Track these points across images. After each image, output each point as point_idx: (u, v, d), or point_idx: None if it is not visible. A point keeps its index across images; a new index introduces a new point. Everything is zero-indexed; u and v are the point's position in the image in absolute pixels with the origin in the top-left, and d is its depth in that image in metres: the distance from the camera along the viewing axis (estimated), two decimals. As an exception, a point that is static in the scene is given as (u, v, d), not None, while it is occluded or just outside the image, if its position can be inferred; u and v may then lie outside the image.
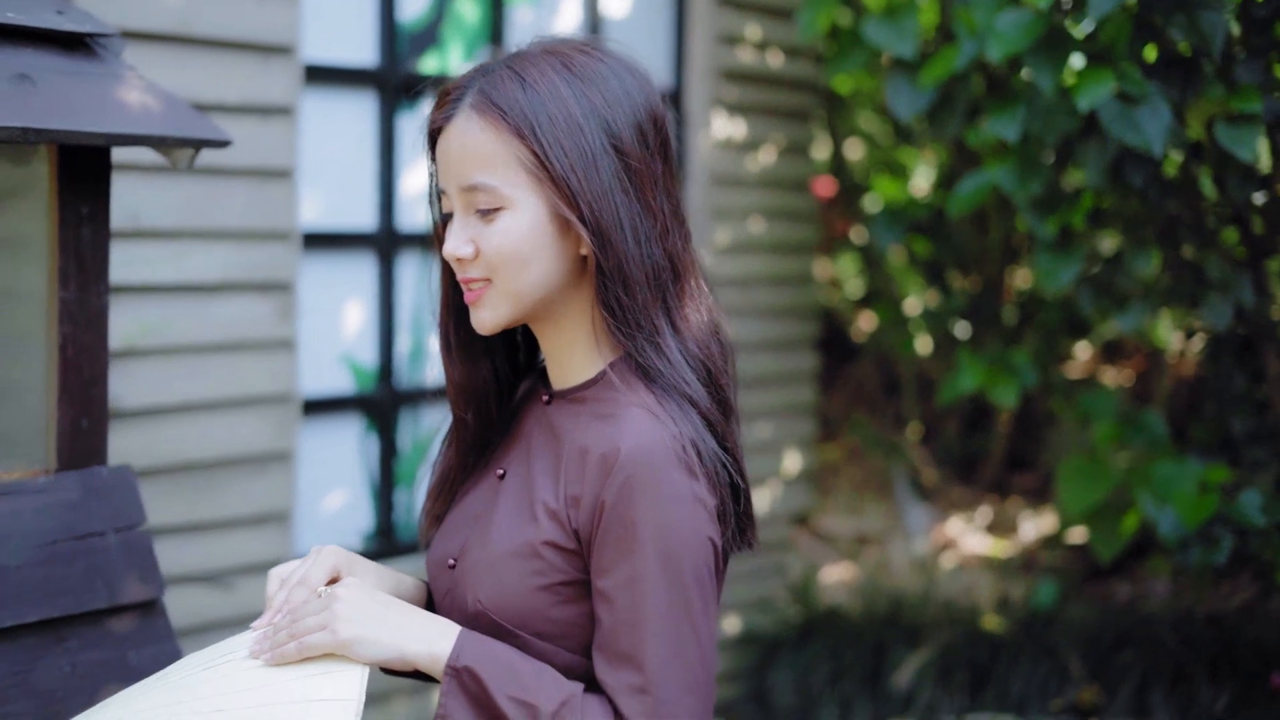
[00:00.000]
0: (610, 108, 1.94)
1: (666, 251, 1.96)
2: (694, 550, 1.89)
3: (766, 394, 6.30)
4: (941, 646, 5.61)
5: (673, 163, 2.03)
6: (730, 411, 2.01)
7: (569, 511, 1.92)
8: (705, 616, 1.91)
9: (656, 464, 1.86)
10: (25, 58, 2.53)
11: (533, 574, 1.94)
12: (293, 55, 4.47)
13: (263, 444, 4.47)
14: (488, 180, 1.92)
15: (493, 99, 1.92)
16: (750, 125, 6.10)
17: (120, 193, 4.06)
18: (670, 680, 1.88)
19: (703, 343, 2.00)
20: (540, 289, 1.94)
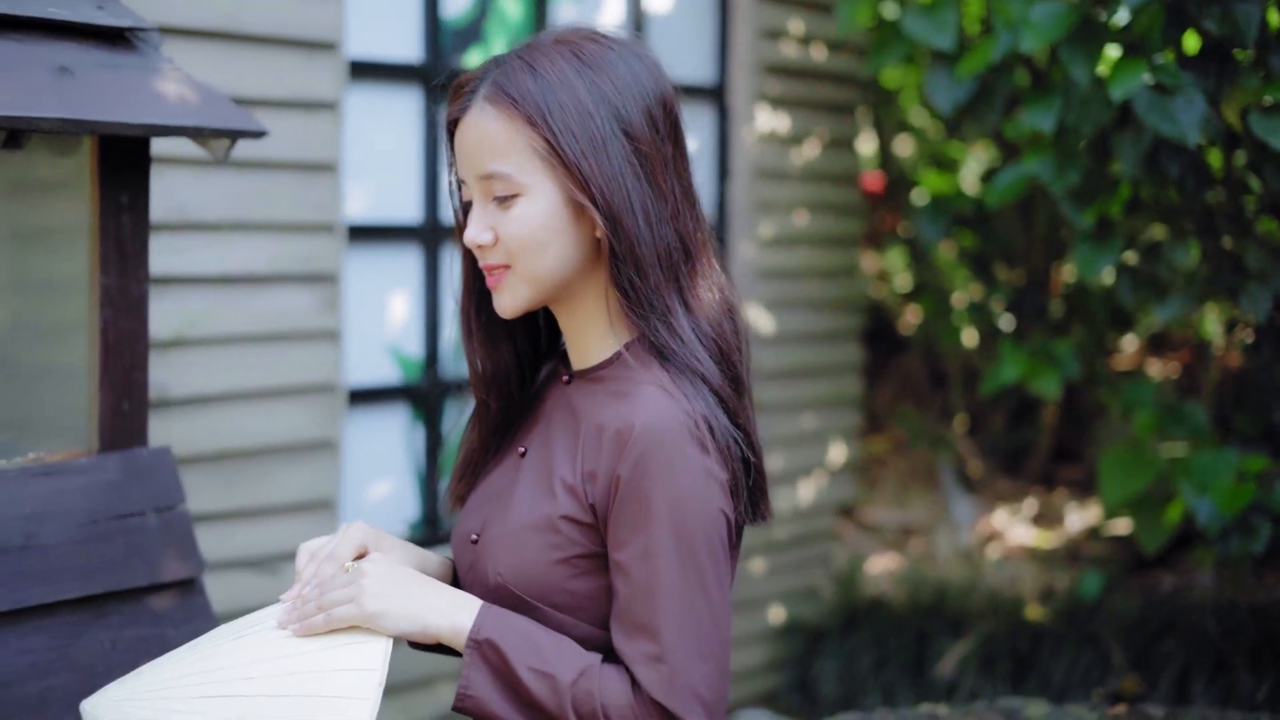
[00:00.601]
0: (619, 94, 1.99)
1: (678, 232, 2.01)
2: (706, 523, 1.93)
3: (812, 386, 6.35)
4: (984, 636, 5.64)
5: (683, 146, 2.08)
6: (742, 388, 2.06)
7: (586, 487, 1.98)
8: (719, 586, 1.96)
9: (669, 439, 1.91)
10: (66, 51, 2.61)
11: (551, 547, 2.00)
12: (337, 51, 4.55)
13: (308, 433, 4.55)
14: (503, 168, 1.97)
15: (505, 89, 1.98)
16: (794, 119, 6.15)
17: (167, 186, 4.16)
18: (684, 648, 1.92)
19: (715, 321, 2.05)
20: (558, 272, 2.00)
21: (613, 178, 1.96)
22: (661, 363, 1.99)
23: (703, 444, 1.93)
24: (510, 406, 2.19)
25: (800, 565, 6.33)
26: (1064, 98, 4.46)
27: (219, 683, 2.04)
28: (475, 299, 2.14)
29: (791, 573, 6.29)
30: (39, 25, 2.61)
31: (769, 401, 6.17)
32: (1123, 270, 4.84)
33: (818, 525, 6.42)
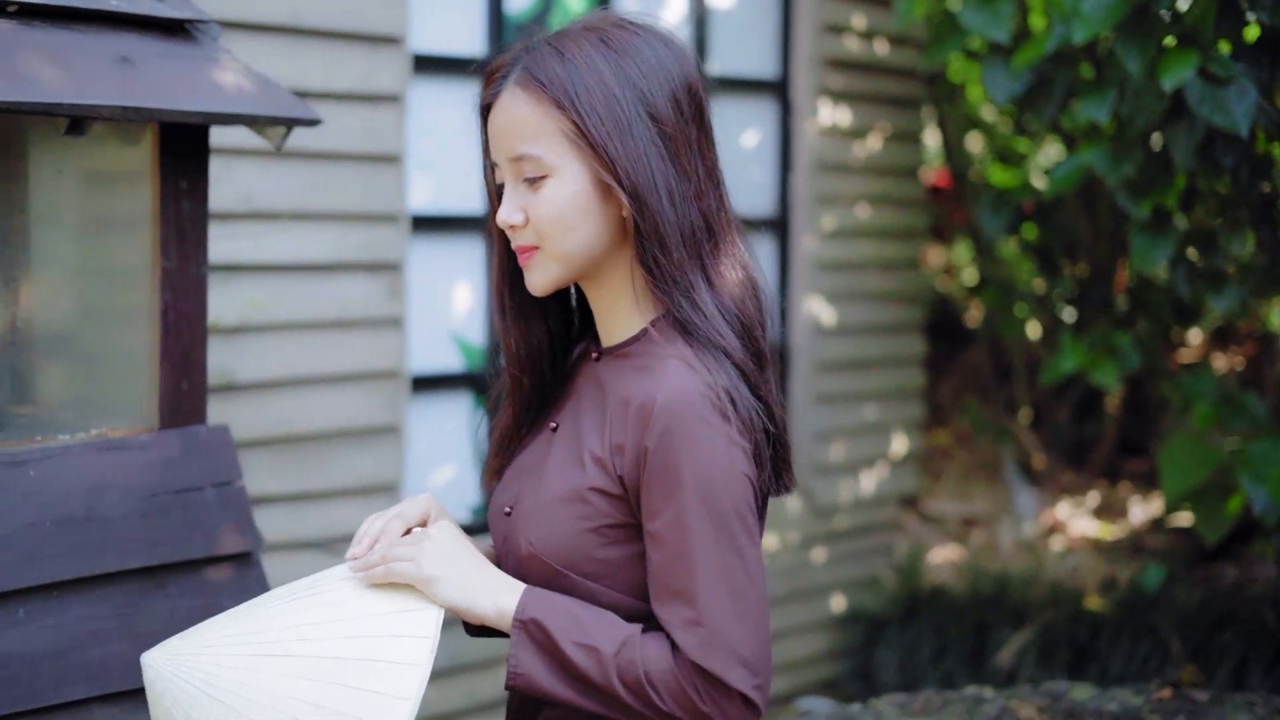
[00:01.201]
0: (645, 78, 2.06)
1: (701, 211, 2.08)
2: (733, 488, 1.98)
3: (874, 377, 6.40)
4: (1043, 626, 5.67)
5: (708, 129, 2.14)
6: (765, 361, 2.11)
7: (614, 459, 2.04)
8: (751, 548, 2.01)
9: (692, 410, 1.97)
10: (127, 42, 2.72)
11: (580, 517, 2.06)
12: (401, 45, 4.66)
13: (372, 418, 4.65)
14: (533, 150, 2.05)
15: (534, 74, 2.06)
16: (856, 113, 6.20)
17: (234, 176, 4.27)
18: (721, 610, 1.97)
19: (737, 298, 2.10)
20: (586, 251, 2.07)
21: (638, 159, 2.03)
22: (685, 338, 2.05)
23: (724, 413, 1.98)
24: (543, 384, 2.25)
25: (862, 555, 6.39)
26: (1118, 89, 4.49)
27: (276, 642, 2.12)
28: (508, 279, 2.21)
29: (853, 562, 6.35)
30: (101, 17, 2.71)
31: (830, 392, 6.23)
32: (1179, 261, 4.86)
33: (880, 516, 6.47)
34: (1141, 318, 6.41)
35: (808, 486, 6.18)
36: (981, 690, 3.79)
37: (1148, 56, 4.28)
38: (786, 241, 6.13)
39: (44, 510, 2.65)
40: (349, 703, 2.05)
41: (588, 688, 2.01)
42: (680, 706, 1.98)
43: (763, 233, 6.11)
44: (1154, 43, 4.29)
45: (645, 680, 1.99)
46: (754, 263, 2.17)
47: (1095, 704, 3.66)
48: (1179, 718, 3.56)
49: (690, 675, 1.97)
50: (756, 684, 1.98)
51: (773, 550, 6.03)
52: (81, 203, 2.99)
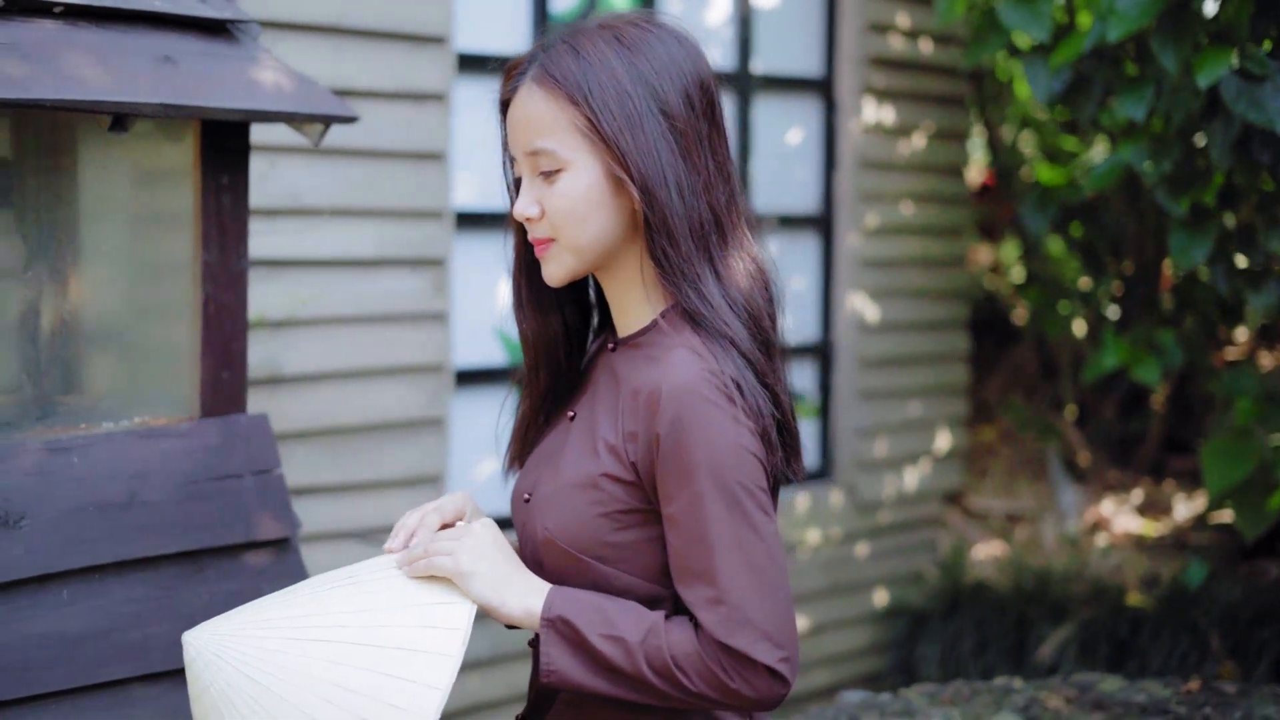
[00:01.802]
0: (657, 74, 2.13)
1: (710, 205, 2.14)
2: (745, 468, 2.03)
3: (918, 373, 6.44)
4: (1084, 622, 5.70)
5: (720, 125, 2.20)
6: (773, 351, 2.17)
7: (626, 446, 2.10)
8: (767, 525, 2.05)
9: (698, 395, 2.02)
10: (169, 41, 2.80)
11: (593, 503, 2.12)
12: (446, 45, 4.74)
13: (417, 411, 4.74)
14: (548, 145, 2.11)
15: (550, 70, 2.13)
16: (900, 111, 6.25)
17: (281, 173, 4.36)
18: (741, 587, 2.02)
19: (745, 289, 2.16)
20: (599, 243, 2.13)
21: (648, 153, 2.09)
22: (693, 328, 2.10)
23: (730, 398, 2.03)
24: (558, 375, 2.31)
25: (905, 550, 6.43)
26: (1155, 87, 4.52)
27: (315, 627, 2.20)
28: (525, 271, 2.28)
29: (896, 557, 6.39)
30: (144, 17, 2.80)
31: (874, 388, 6.27)
32: (1218, 258, 4.89)
33: (923, 511, 6.52)
34: (1188, 315, 6.42)
35: (851, 481, 6.22)
36: (1011, 681, 3.83)
37: (1184, 54, 4.31)
38: (830, 239, 6.19)
39: (87, 495, 2.73)
40: (381, 689, 2.12)
41: (619, 677, 2.07)
42: (709, 685, 2.03)
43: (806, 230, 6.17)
44: (1190, 40, 4.32)
45: (673, 664, 2.04)
46: (765, 255, 2.22)
47: (1123, 695, 3.70)
48: (1206, 709, 3.59)
49: (716, 653, 2.02)
50: (782, 656, 2.02)
51: (815, 544, 6.08)
52: (127, 199, 3.08)
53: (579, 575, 2.13)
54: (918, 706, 3.65)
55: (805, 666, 6.10)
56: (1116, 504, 6.75)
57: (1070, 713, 3.60)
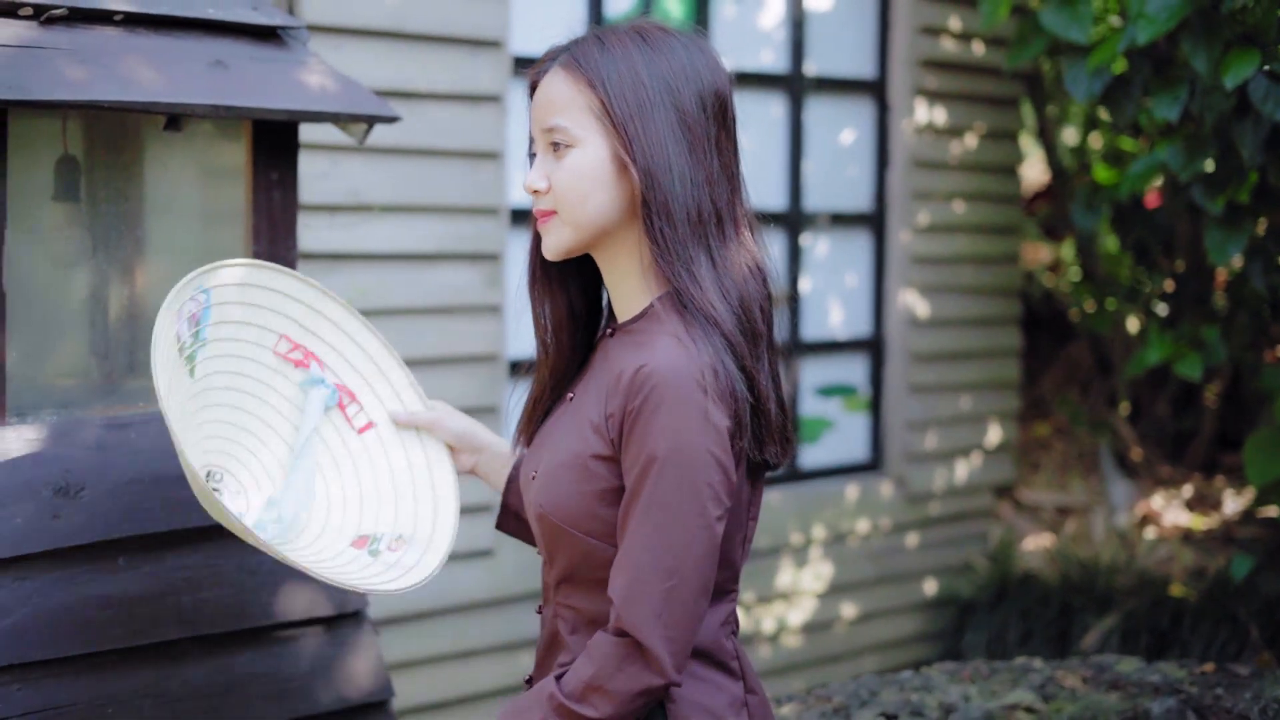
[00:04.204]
0: (674, 73, 2.28)
1: (711, 199, 2.26)
2: (695, 460, 2.12)
3: (969, 369, 6.57)
4: (1127, 612, 5.81)
5: (730, 131, 2.33)
6: (760, 340, 2.25)
7: (607, 424, 2.21)
8: (697, 516, 2.12)
9: (672, 381, 2.12)
10: (221, 46, 3.00)
11: (580, 480, 2.23)
12: (502, 48, 4.94)
13: (473, 399, 4.93)
14: (562, 122, 2.27)
15: (575, 57, 2.29)
16: (952, 112, 6.38)
17: (343, 171, 4.57)
18: (641, 563, 2.12)
19: (740, 279, 2.26)
20: (598, 221, 2.26)
21: (655, 139, 2.24)
22: (681, 315, 2.21)
23: (705, 389, 2.13)
24: (561, 355, 2.44)
25: (954, 541, 6.56)
26: (1189, 88, 4.64)
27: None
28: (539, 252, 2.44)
29: (945, 548, 6.52)
30: (198, 24, 3.00)
31: (924, 383, 6.41)
32: (1255, 255, 4.99)
33: (974, 504, 6.64)
34: (1240, 313, 6.50)
35: (900, 473, 6.37)
36: (1031, 660, 3.97)
37: (1214, 55, 4.42)
38: (883, 236, 6.33)
39: (144, 469, 2.93)
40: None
41: None
42: (611, 673, 2.14)
43: (859, 228, 6.32)
44: (1220, 41, 4.43)
45: (585, 684, 2.15)
46: (765, 256, 2.32)
47: (1138, 675, 3.83)
48: (1217, 690, 3.72)
49: (613, 636, 2.14)
50: (671, 648, 2.12)
51: (864, 534, 6.23)
52: (186, 194, 3.28)
53: (569, 549, 2.25)
54: (937, 683, 3.80)
55: (853, 653, 6.25)
56: (1166, 499, 6.85)
57: (1085, 691, 3.74)
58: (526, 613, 5.08)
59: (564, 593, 2.31)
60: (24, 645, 2.72)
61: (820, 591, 6.12)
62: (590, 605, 2.28)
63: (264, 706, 3.00)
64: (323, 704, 3.06)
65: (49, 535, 2.77)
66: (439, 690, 4.98)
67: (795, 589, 6.03)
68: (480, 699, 5.08)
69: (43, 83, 2.69)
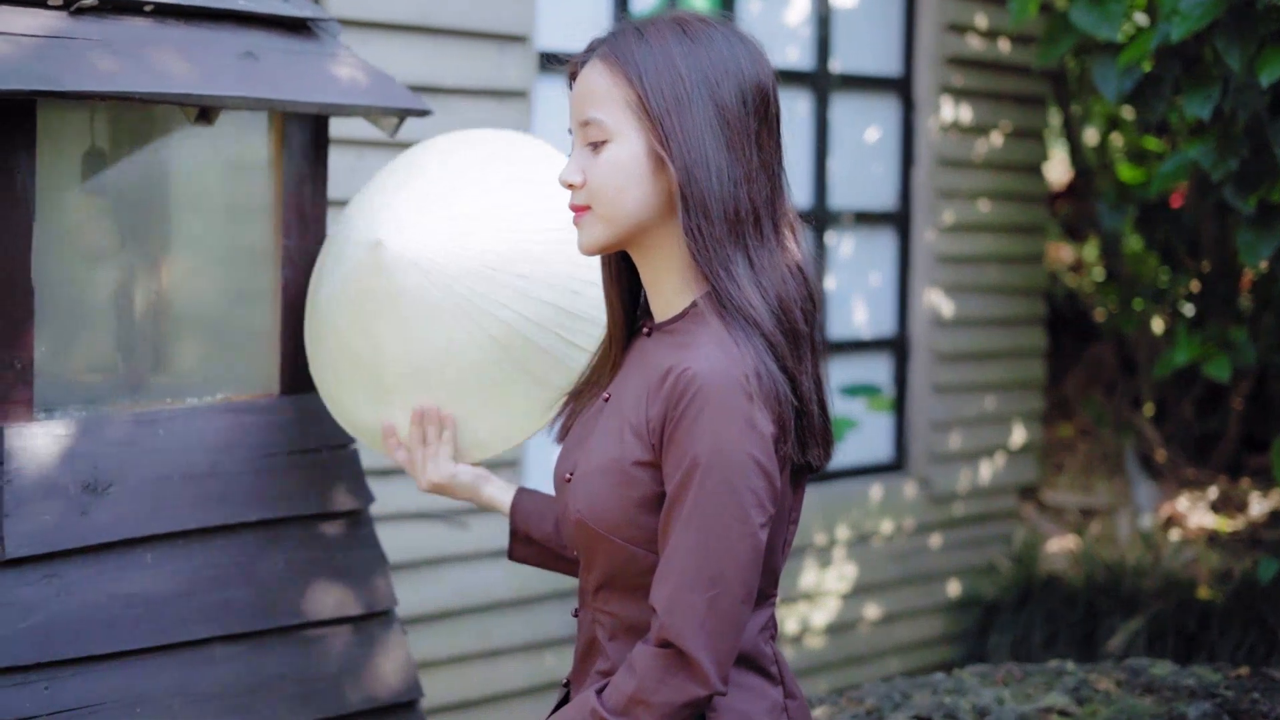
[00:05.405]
0: (714, 67, 2.22)
1: (750, 197, 2.20)
2: (739, 466, 2.07)
3: (994, 369, 6.54)
4: (1154, 614, 5.77)
5: (772, 126, 2.27)
6: (801, 342, 2.20)
7: (649, 429, 2.16)
8: (740, 524, 2.08)
9: (717, 386, 2.07)
10: (252, 38, 2.97)
11: (621, 486, 2.18)
12: (529, 44, 4.90)
13: (497, 397, 4.89)
14: (598, 115, 2.21)
15: (614, 49, 2.24)
16: (978, 110, 6.34)
17: (367, 166, 4.54)
18: (684, 572, 2.08)
19: (778, 280, 2.20)
20: (633, 217, 2.22)
21: (693, 134, 2.18)
22: (721, 316, 2.16)
23: (749, 394, 2.08)
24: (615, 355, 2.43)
25: (979, 542, 6.52)
26: (1221, 85, 4.59)
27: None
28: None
29: (969, 549, 6.48)
30: (229, 15, 2.96)
31: (949, 382, 6.37)
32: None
33: (998, 505, 6.61)
34: (1267, 314, 6.46)
35: (924, 473, 6.33)
36: (1064, 664, 3.93)
37: (1249, 53, 4.38)
38: (907, 235, 6.29)
39: (172, 465, 2.90)
40: None
41: None
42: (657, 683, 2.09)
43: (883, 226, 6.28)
44: (1255, 39, 4.39)
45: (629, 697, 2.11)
46: (806, 258, 2.27)
47: (1173, 679, 3.79)
48: (1254, 694, 3.67)
49: (656, 646, 2.09)
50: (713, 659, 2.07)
51: (888, 534, 6.19)
52: (214, 188, 3.25)
53: (608, 555, 2.21)
54: (970, 686, 3.76)
55: (877, 655, 6.21)
56: (1192, 500, 6.80)
57: (1119, 695, 3.70)
58: (551, 612, 5.05)
59: (602, 598, 2.27)
60: (53, 643, 2.69)
61: (844, 592, 6.08)
62: (629, 611, 2.24)
63: (293, 706, 2.96)
64: (352, 704, 3.03)
65: (77, 532, 2.74)
66: (464, 690, 4.94)
67: (819, 590, 6.00)
68: (505, 698, 5.05)
69: (73, 74, 2.65)
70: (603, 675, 2.26)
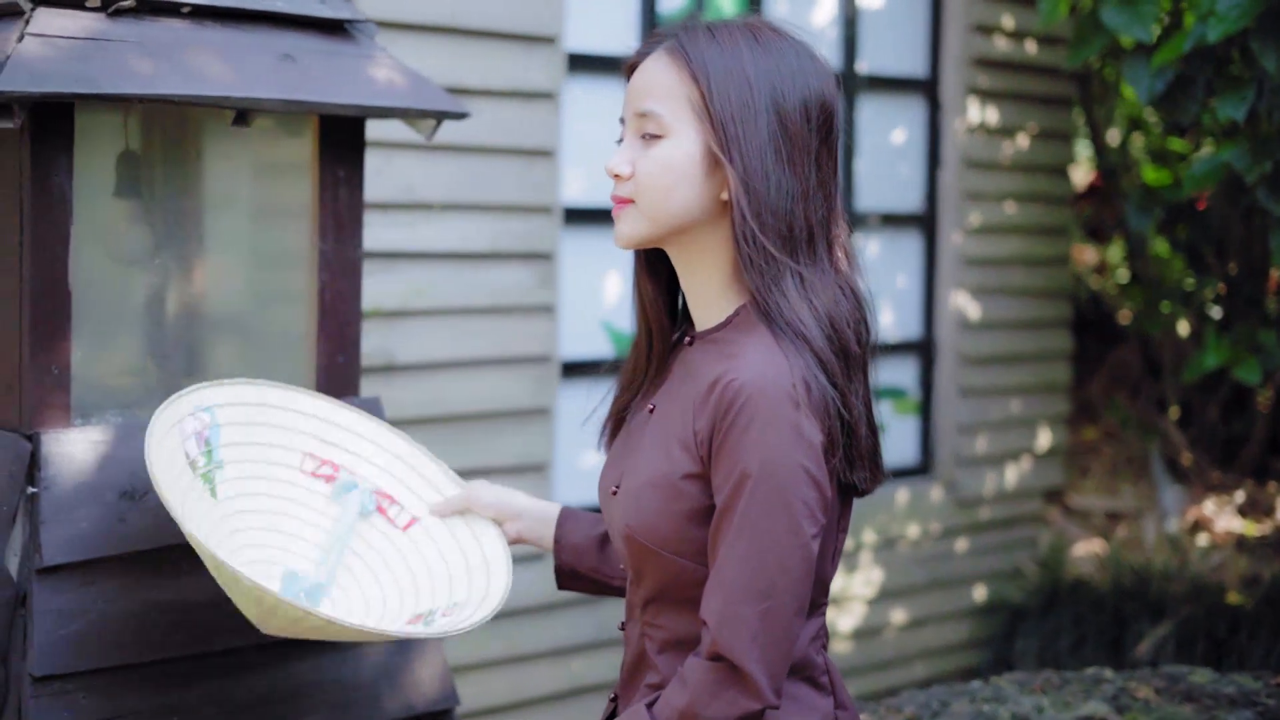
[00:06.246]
0: (782, 79, 2.17)
1: (805, 215, 2.14)
2: (789, 477, 2.03)
3: (1020, 372, 6.50)
4: (1182, 619, 5.73)
5: (832, 146, 2.21)
6: (852, 360, 2.15)
7: (697, 441, 2.12)
8: (792, 535, 2.04)
9: (767, 396, 2.03)
10: (290, 40, 2.93)
11: (669, 499, 2.14)
12: (556, 45, 4.87)
13: (525, 400, 4.87)
14: (657, 108, 2.16)
15: (683, 45, 2.19)
16: (1005, 111, 6.31)
17: (397, 169, 4.51)
18: (736, 584, 2.04)
19: (830, 299, 2.15)
20: (678, 217, 2.17)
21: (754, 143, 2.13)
22: (769, 325, 2.12)
23: (797, 403, 2.04)
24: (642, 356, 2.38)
25: (1004, 546, 6.49)
26: (1256, 87, 4.56)
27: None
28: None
29: (995, 553, 6.45)
30: (266, 17, 2.93)
31: (975, 385, 6.34)
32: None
33: (1024, 509, 6.57)
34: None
35: (951, 477, 6.29)
36: (1102, 671, 3.89)
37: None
38: (933, 237, 6.26)
39: (208, 471, 2.87)
40: None
41: None
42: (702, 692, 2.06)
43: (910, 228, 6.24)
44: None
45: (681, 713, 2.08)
46: (859, 280, 2.23)
47: (1213, 687, 3.75)
48: (1295, 702, 3.64)
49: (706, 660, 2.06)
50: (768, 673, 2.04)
51: (914, 539, 6.15)
52: (249, 191, 3.22)
53: (659, 569, 2.17)
54: (1008, 694, 3.72)
55: (903, 660, 6.18)
56: (1218, 504, 6.76)
57: (1159, 703, 3.66)
58: (580, 617, 5.02)
59: (652, 612, 2.23)
60: (90, 652, 2.66)
61: (870, 597, 6.05)
62: (679, 625, 2.20)
63: (329, 715, 2.93)
64: (388, 712, 3.00)
65: (115, 540, 2.71)
66: (492, 695, 4.91)
67: (845, 594, 5.96)
68: (534, 704, 5.02)
69: (111, 76, 2.62)
70: (653, 689, 2.23)
